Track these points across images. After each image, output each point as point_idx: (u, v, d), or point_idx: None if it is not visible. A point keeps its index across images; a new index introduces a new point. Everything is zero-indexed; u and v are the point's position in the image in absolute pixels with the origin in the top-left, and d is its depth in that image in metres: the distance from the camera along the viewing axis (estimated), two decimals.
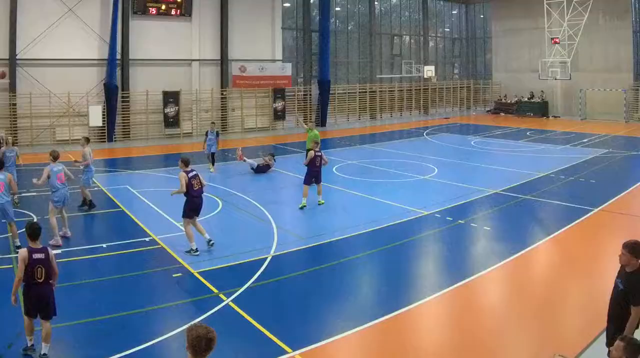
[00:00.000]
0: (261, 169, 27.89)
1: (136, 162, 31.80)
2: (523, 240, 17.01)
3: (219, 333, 6.07)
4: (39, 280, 9.81)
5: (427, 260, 16.07)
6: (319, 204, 20.61)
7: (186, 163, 16.12)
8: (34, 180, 16.88)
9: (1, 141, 25.99)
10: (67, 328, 10.97)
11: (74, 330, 11.06)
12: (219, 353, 6.11)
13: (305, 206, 20.38)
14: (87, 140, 21.97)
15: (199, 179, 16.07)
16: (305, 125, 28.94)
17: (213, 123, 31.21)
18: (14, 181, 16.09)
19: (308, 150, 24.62)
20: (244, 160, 28.52)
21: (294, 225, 19.05)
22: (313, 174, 20.95)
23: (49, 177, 16.78)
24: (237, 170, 28.60)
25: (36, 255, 9.83)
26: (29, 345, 10.14)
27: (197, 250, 15.53)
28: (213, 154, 28.62)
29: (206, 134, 29.25)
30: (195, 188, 15.79)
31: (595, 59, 53.19)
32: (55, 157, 17.45)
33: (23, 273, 9.74)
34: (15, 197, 18.69)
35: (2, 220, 16.07)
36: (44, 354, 9.84)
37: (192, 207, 15.87)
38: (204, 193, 16.57)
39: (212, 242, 16.03)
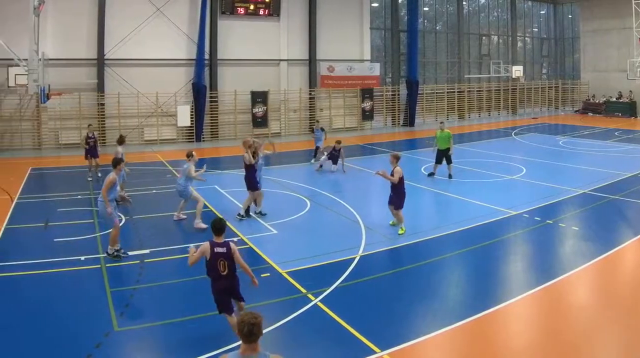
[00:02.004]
0: (334, 157, 26.36)
1: (224, 162, 29.31)
2: (611, 241, 15.84)
3: (308, 333, 7.53)
4: (222, 273, 9.65)
5: (515, 260, 14.93)
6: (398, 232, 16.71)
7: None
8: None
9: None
10: (156, 328, 10.62)
11: (163, 331, 10.58)
12: (308, 353, 7.39)
13: (404, 232, 16.45)
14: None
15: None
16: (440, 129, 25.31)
17: (317, 121, 32.84)
18: (107, 183, 14.33)
19: (440, 151, 24.22)
20: (323, 154, 27.40)
21: (383, 225, 17.29)
22: (404, 195, 16.66)
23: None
24: (324, 170, 26.77)
25: (218, 249, 9.68)
26: None
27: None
28: (317, 147, 29.03)
29: (313, 131, 31.78)
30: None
31: None
32: (188, 155, 17.66)
33: (197, 259, 9.82)
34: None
35: None
36: None
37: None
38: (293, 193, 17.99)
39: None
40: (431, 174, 24.42)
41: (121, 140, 21.34)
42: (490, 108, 54.63)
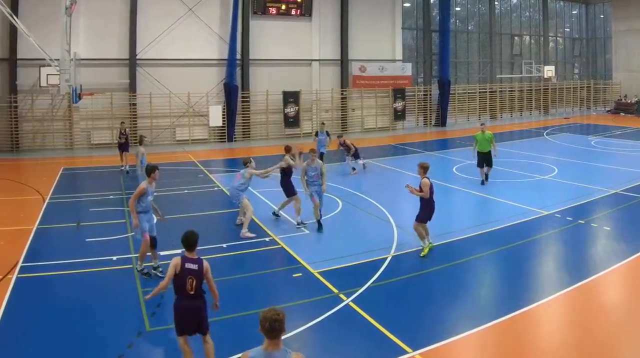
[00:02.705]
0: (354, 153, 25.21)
1: (256, 162, 27.37)
2: None
3: (339, 333, 7.12)
4: (189, 292, 8.41)
5: (547, 260, 14.43)
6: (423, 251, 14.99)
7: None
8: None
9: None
10: None
11: None
12: (340, 353, 7.54)
13: (427, 253, 14.29)
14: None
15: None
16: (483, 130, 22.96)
17: (323, 123, 28.73)
18: (136, 192, 12.88)
19: (481, 153, 22.13)
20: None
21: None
22: (433, 209, 14.48)
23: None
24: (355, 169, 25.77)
25: (189, 265, 8.50)
26: None
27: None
28: (322, 154, 24.72)
29: (316, 134, 26.84)
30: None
31: None
32: (245, 162, 16.90)
33: (169, 280, 8.52)
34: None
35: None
36: None
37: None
38: (325, 194, 16.73)
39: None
40: (483, 182, 22.28)
41: (141, 140, 20.83)
42: (522, 108, 52.72)
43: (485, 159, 22.19)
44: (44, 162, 28.82)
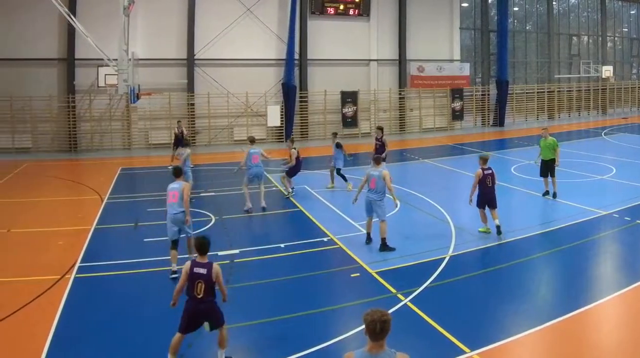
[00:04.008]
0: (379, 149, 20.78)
1: (314, 162, 26.47)
2: None
3: (397, 333, 6.04)
4: (197, 296, 8.10)
5: (605, 260, 13.74)
6: (497, 234, 14.91)
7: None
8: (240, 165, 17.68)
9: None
10: (246, 328, 9.74)
11: (252, 330, 9.75)
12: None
13: (488, 231, 15.13)
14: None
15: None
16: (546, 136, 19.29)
17: (335, 134, 21.89)
18: (188, 192, 12.70)
19: (545, 161, 18.81)
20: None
21: (472, 224, 15.79)
22: (485, 197, 15.11)
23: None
24: (413, 169, 25.23)
25: (197, 270, 8.14)
26: None
27: None
28: (339, 169, 20.52)
29: (338, 146, 20.63)
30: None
31: None
32: (252, 141, 17.89)
33: (183, 284, 8.22)
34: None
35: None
36: None
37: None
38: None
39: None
40: (546, 193, 18.83)
41: (187, 142, 19.87)
42: (580, 108, 49.08)
43: (548, 168, 18.76)
44: (102, 162, 27.61)
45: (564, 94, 47.51)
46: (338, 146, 20.46)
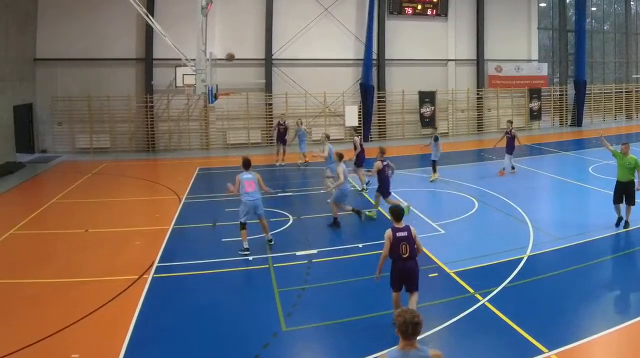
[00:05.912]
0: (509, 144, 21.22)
1: (393, 162, 23.57)
2: None
3: (475, 333, 6.32)
4: (404, 256, 8.45)
5: None
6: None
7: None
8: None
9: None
10: (323, 328, 9.11)
11: (330, 331, 9.07)
12: (476, 352, 7.03)
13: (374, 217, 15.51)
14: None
15: None
16: (609, 147, 14.95)
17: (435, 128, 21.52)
18: (262, 181, 12.86)
19: (621, 183, 14.05)
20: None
21: (550, 224, 14.92)
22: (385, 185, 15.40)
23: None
24: (491, 168, 23.25)
25: (399, 234, 8.48)
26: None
27: None
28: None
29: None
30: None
31: None
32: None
33: (388, 251, 8.48)
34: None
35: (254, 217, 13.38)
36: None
37: None
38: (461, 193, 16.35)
39: None
40: (619, 221, 14.19)
41: (327, 137, 18.99)
42: None
43: (624, 191, 14.01)
44: (180, 162, 25.56)
45: None
46: (436, 139, 20.15)
